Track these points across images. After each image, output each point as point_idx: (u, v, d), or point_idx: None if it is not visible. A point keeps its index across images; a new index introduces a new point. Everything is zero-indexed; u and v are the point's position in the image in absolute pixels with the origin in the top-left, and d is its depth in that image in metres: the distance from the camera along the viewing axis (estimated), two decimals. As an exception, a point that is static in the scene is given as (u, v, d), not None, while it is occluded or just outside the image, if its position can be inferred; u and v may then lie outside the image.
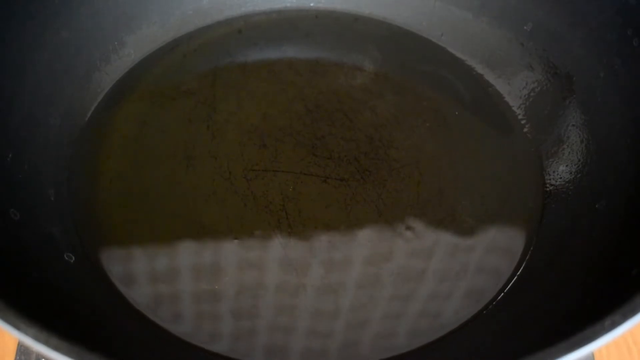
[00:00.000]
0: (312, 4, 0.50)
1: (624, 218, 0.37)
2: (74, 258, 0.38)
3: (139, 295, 0.37)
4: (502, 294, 0.38)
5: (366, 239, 0.40)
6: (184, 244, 0.39)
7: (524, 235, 0.41)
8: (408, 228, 0.40)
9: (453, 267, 0.39)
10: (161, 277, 0.38)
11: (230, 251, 0.39)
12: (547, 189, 0.43)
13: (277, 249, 0.39)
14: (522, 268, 0.39)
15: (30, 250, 0.36)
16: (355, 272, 0.39)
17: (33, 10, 0.40)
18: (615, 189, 0.39)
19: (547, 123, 0.45)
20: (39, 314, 0.26)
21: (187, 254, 0.39)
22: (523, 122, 0.45)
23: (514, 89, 0.46)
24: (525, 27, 0.46)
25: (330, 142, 0.43)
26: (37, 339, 0.24)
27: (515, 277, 0.39)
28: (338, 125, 0.44)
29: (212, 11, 0.48)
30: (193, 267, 0.38)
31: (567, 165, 0.43)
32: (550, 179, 0.43)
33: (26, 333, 0.24)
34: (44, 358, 0.37)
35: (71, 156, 0.42)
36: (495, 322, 0.37)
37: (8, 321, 0.24)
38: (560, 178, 0.43)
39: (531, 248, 0.40)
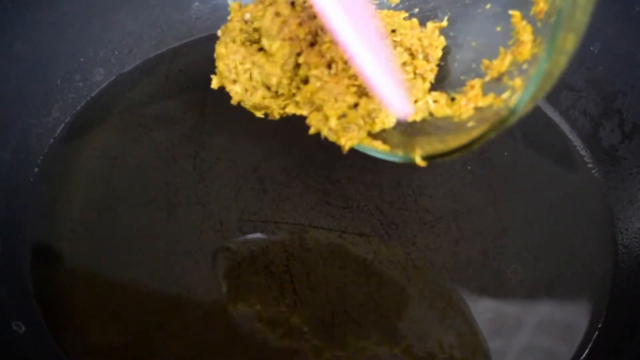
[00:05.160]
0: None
1: None
2: (24, 328, 0.35)
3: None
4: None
5: (391, 310, 0.36)
6: (162, 312, 0.36)
7: (589, 310, 0.37)
8: (443, 297, 0.36)
9: (499, 347, 0.35)
10: (131, 355, 0.34)
11: (221, 322, 0.36)
12: (619, 249, 0.39)
13: (279, 320, 0.35)
14: (585, 354, 0.35)
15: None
16: (378, 356, 0.34)
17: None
18: None
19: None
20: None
21: (165, 326, 0.35)
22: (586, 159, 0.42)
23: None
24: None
25: (347, 187, 0.41)
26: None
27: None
28: (356, 165, 0.41)
29: (197, 23, 0.47)
30: (172, 342, 0.34)
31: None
32: (623, 237, 0.39)
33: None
34: None
35: (24, 202, 0.39)
36: None
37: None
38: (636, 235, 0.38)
39: (599, 326, 0.36)
